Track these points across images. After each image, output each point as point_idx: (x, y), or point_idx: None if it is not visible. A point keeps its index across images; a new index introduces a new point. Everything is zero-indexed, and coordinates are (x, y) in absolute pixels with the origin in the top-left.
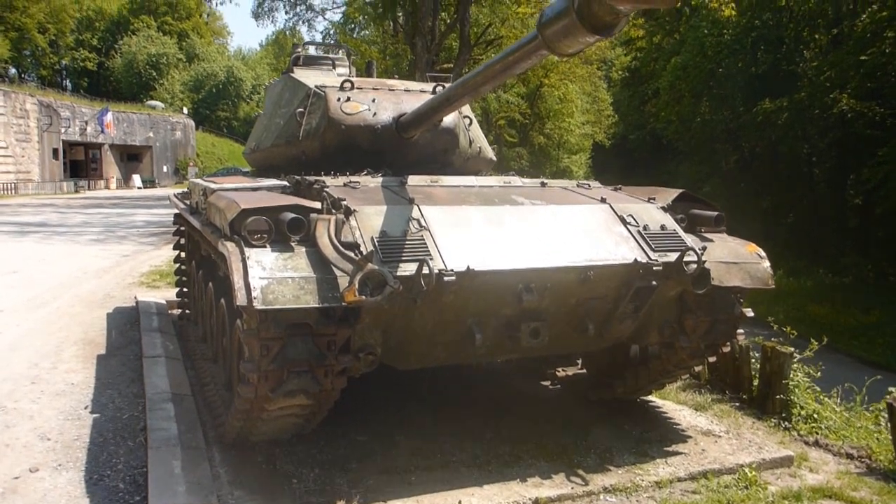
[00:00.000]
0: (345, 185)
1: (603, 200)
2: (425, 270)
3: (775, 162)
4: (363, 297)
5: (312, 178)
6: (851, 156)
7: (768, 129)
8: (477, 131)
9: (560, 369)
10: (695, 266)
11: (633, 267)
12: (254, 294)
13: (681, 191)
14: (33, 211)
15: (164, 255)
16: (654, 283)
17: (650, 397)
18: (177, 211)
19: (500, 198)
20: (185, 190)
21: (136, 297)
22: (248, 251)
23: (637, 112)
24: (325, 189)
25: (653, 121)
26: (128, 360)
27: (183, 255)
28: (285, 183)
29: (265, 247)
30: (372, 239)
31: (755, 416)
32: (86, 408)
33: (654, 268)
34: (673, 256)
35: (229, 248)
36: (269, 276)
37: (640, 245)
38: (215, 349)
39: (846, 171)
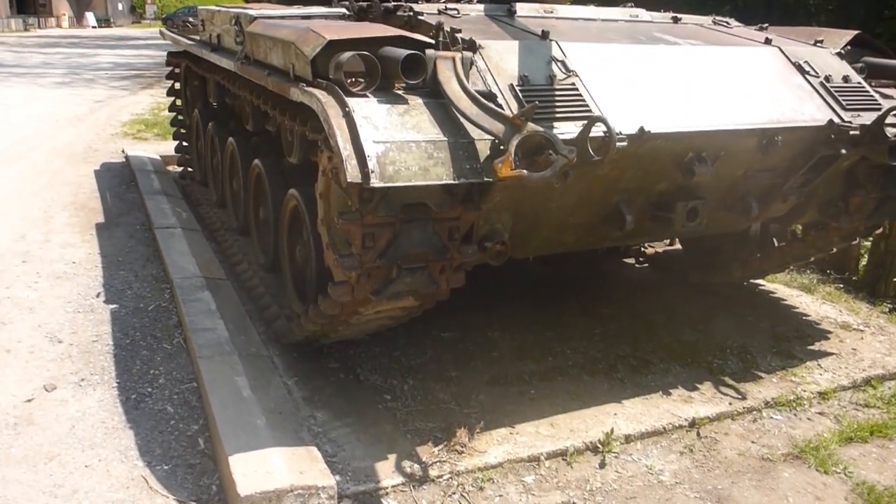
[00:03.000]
0: (440, 12)
1: (768, 42)
2: (597, 132)
3: (769, 12)
4: (523, 171)
5: (391, 3)
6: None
7: None
8: None
9: (646, 245)
10: None
11: (824, 130)
12: (370, 165)
13: (855, 32)
14: None
15: (143, 101)
16: (842, 150)
17: (757, 280)
18: (175, 48)
19: (645, 35)
20: (189, 21)
21: (124, 151)
22: (350, 102)
23: None
24: (421, 16)
25: None
26: (134, 230)
27: (179, 102)
28: (342, 10)
29: (366, 96)
30: (511, 87)
31: (866, 300)
32: (98, 295)
33: (851, 132)
34: (867, 117)
35: (321, 98)
36: (387, 138)
37: (826, 102)
38: (243, 219)
39: (847, 21)
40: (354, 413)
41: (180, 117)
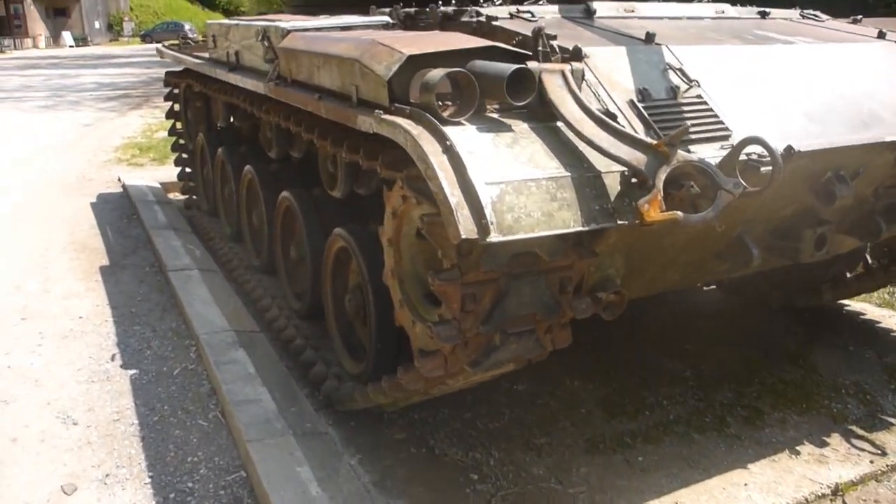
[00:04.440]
0: (511, 15)
1: (882, 36)
2: (754, 154)
3: None
4: (677, 213)
5: (450, 7)
6: None
7: None
8: None
9: None
10: None
11: None
12: (488, 215)
13: None
14: None
15: (134, 123)
16: None
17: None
18: (174, 68)
19: (749, 34)
20: (188, 38)
21: (120, 180)
22: (448, 133)
23: None
24: (495, 21)
25: None
26: (144, 273)
27: (179, 125)
28: (386, 18)
29: (462, 124)
30: (631, 103)
31: None
32: (113, 358)
33: None
34: None
35: (410, 130)
36: (500, 178)
37: None
38: (267, 258)
39: (831, 6)
40: (440, 502)
41: (181, 141)
